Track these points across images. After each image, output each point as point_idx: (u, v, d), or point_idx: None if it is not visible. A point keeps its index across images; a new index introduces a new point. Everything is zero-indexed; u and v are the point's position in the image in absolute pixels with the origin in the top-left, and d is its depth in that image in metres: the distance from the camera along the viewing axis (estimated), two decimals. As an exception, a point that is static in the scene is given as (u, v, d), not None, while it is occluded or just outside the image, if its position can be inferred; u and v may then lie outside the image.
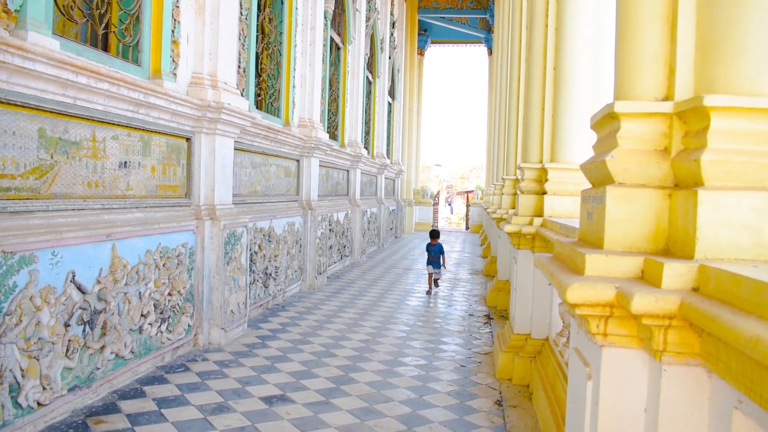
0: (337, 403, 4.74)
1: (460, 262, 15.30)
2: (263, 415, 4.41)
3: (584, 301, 1.81)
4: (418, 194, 28.29)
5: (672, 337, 1.71)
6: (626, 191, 1.98)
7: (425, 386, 5.21)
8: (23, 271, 3.74)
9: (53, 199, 4.14)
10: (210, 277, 6.10)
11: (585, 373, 2.08)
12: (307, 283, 9.97)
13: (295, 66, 9.56)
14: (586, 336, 2.02)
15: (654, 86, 2.07)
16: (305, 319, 7.67)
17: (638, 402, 1.90)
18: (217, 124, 6.11)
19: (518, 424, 4.44)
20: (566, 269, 2.09)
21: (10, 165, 3.76)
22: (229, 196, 6.55)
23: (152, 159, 5.35)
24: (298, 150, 9.59)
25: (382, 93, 18.52)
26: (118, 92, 4.59)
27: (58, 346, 4.07)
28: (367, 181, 16.33)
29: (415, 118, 27.95)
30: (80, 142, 4.39)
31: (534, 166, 5.63)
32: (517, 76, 9.51)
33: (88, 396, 4.44)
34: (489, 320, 8.08)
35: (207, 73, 6.10)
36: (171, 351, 5.59)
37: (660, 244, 1.98)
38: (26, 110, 3.86)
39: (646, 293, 1.65)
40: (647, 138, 2.02)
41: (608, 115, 2.11)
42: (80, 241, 4.27)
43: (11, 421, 3.70)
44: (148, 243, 5.13)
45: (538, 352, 5.32)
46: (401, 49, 23.58)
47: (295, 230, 9.33)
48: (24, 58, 3.63)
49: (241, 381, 5.13)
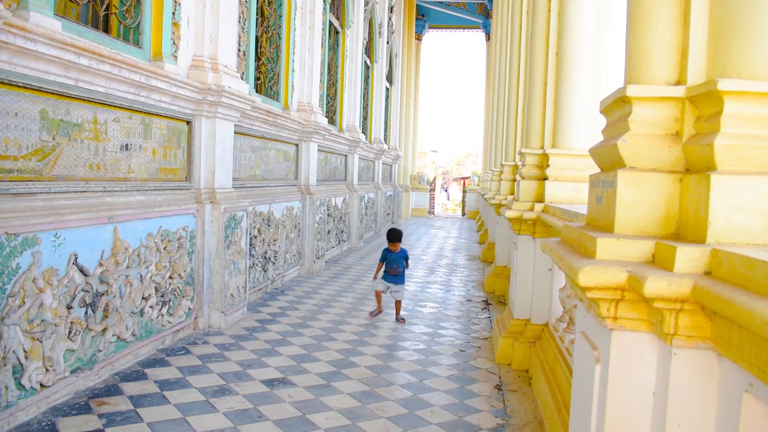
0: (338, 386, 4.76)
1: (457, 248, 15.33)
2: (265, 398, 4.43)
3: (596, 285, 1.82)
4: (415, 180, 28.27)
5: (683, 321, 1.72)
6: (637, 175, 1.99)
7: (425, 370, 5.24)
8: (26, 252, 3.74)
9: (55, 181, 4.12)
10: (210, 261, 6.11)
11: (593, 357, 2.09)
12: (306, 268, 9.98)
13: (294, 50, 9.51)
14: (595, 319, 2.03)
15: (666, 70, 2.06)
16: (304, 303, 7.68)
17: (647, 385, 1.92)
18: (217, 108, 6.09)
19: (518, 408, 4.47)
20: (575, 253, 2.09)
21: (13, 146, 3.74)
22: (229, 180, 6.53)
23: (153, 142, 5.33)
24: (297, 134, 9.56)
25: (379, 78, 18.45)
26: (120, 74, 4.56)
27: (61, 328, 4.08)
28: (364, 166, 16.30)
29: (413, 103, 27.87)
30: (82, 124, 4.37)
31: (535, 151, 5.63)
32: (517, 62, 9.48)
33: (91, 378, 4.45)
34: (487, 306, 8.11)
35: (207, 56, 6.06)
36: (171, 334, 5.60)
37: (670, 228, 1.99)
38: (28, 91, 3.84)
39: (659, 277, 1.66)
40: (659, 122, 2.02)
41: (619, 99, 2.11)
42: (82, 223, 4.26)
43: (14, 402, 3.71)
44: (149, 226, 5.12)
45: (538, 338, 5.35)
46: (399, 34, 23.47)
47: (293, 215, 9.33)
48: (26, 39, 3.61)
49: (241, 364, 5.15)
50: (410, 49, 26.73)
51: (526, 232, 5.51)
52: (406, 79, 26.36)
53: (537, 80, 5.82)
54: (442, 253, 13.89)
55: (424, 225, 22.58)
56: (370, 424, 4.06)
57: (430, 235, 18.37)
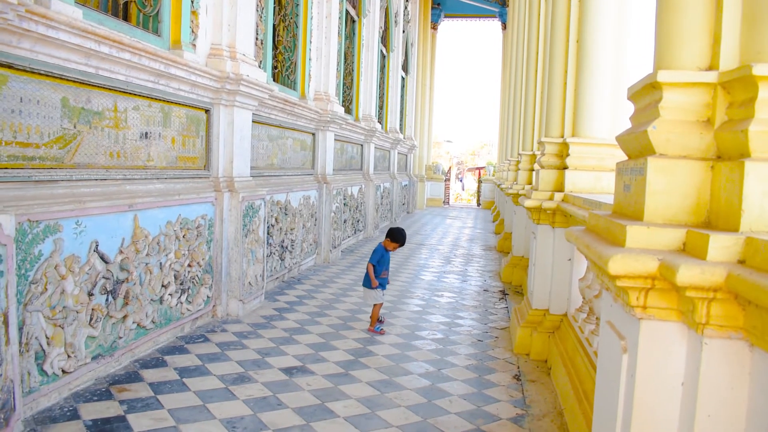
0: (356, 375, 4.76)
1: (473, 238, 15.29)
2: (284, 386, 4.44)
3: (626, 273, 1.79)
4: (430, 170, 28.20)
5: (715, 310, 1.69)
6: (668, 162, 1.95)
7: (443, 360, 5.23)
8: (48, 239, 3.76)
9: (76, 169, 4.14)
10: (228, 249, 6.12)
11: (620, 347, 2.07)
12: (322, 257, 10.00)
13: (311, 39, 9.49)
14: (623, 308, 2.00)
15: (697, 55, 2.02)
16: (321, 293, 7.70)
17: (676, 376, 1.89)
18: (235, 96, 6.08)
19: (537, 399, 4.46)
20: (603, 241, 2.06)
21: (35, 134, 3.75)
22: (247, 169, 6.54)
23: (172, 130, 5.34)
24: (313, 123, 9.55)
25: (395, 67, 18.38)
26: (140, 62, 4.57)
27: (82, 314, 4.11)
28: (380, 155, 16.28)
29: (428, 93, 27.75)
30: (102, 112, 4.38)
31: (555, 140, 5.58)
32: (535, 51, 9.40)
33: (111, 365, 4.49)
34: (504, 296, 8.08)
35: (226, 45, 6.05)
36: (190, 322, 5.63)
37: (701, 216, 1.96)
38: (50, 79, 3.85)
39: (692, 265, 1.63)
40: (690, 108, 1.99)
41: (649, 84, 2.07)
42: (103, 211, 4.28)
43: (37, 388, 3.75)
44: (168, 214, 5.14)
45: (557, 328, 5.32)
46: (414, 23, 23.34)
47: (310, 204, 9.33)
48: (48, 27, 3.61)
49: (260, 352, 5.17)
50: (426, 39, 26.59)
51: (546, 221, 5.46)
52: (422, 68, 26.24)
53: (557, 68, 5.76)
54: (458, 243, 13.86)
55: (440, 215, 22.53)
56: (388, 412, 4.07)
57: (445, 225, 18.33)
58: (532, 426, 3.98)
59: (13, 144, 3.60)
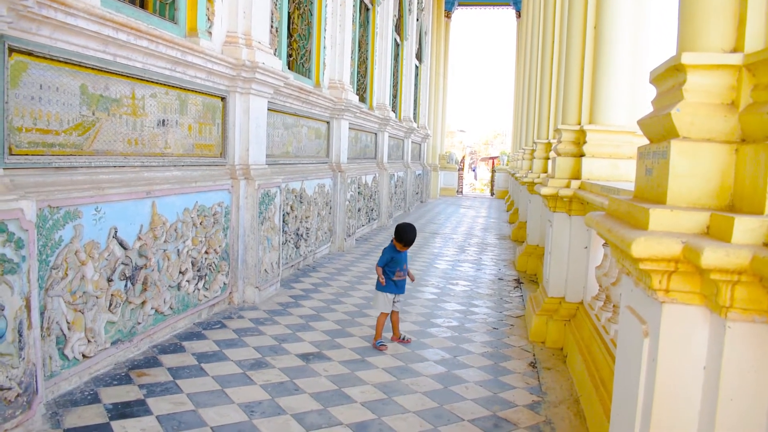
0: (373, 361, 4.79)
1: (487, 227, 15.26)
2: (301, 371, 4.47)
3: (649, 256, 1.78)
4: (444, 159, 28.13)
5: (740, 293, 1.68)
6: (692, 145, 1.94)
7: (459, 347, 5.24)
8: (68, 225, 3.80)
9: (95, 156, 4.17)
10: (245, 236, 6.16)
11: (641, 331, 2.06)
12: (337, 245, 10.02)
13: (325, 26, 9.47)
14: (645, 292, 2.00)
15: (722, 37, 2.00)
16: (336, 280, 7.72)
17: (698, 360, 1.89)
18: (251, 84, 6.09)
19: (553, 386, 4.45)
20: (625, 225, 2.05)
21: (54, 121, 3.78)
22: (262, 156, 6.55)
23: (189, 118, 5.36)
24: (328, 111, 9.55)
25: (409, 56, 18.31)
26: (157, 50, 4.58)
27: (102, 300, 4.15)
28: (394, 144, 16.25)
29: (442, 82, 27.62)
30: (120, 99, 4.40)
31: (572, 128, 5.54)
32: (551, 38, 9.33)
33: (130, 350, 4.54)
34: (519, 284, 8.07)
35: (241, 32, 6.05)
36: (207, 308, 5.68)
37: (725, 200, 1.94)
38: (68, 66, 3.87)
39: (717, 247, 1.62)
40: (714, 91, 1.97)
41: (673, 67, 2.05)
42: (122, 197, 4.31)
43: (58, 372, 3.80)
44: (185, 201, 5.17)
45: (573, 316, 5.31)
46: (428, 11, 23.22)
47: (325, 192, 9.35)
48: (66, 14, 3.63)
49: (277, 338, 5.20)
50: (439, 27, 26.45)
51: (562, 209, 5.44)
52: (435, 57, 26.12)
53: (574, 55, 5.71)
54: (472, 232, 13.84)
55: (453, 204, 22.49)
56: (405, 398, 4.08)
57: (459, 215, 18.31)
58: (548, 413, 3.98)
59: (34, 131, 3.63)
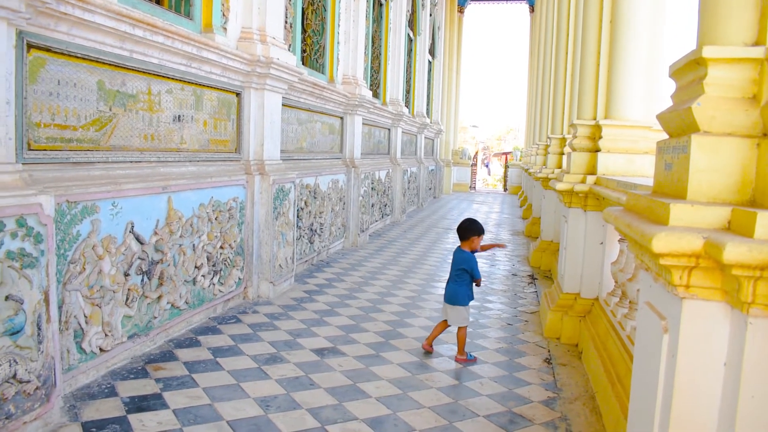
0: (387, 356, 4.79)
1: (500, 222, 15.21)
2: (316, 366, 4.49)
3: (670, 251, 1.77)
4: (457, 155, 28.07)
5: (762, 289, 1.67)
6: (712, 140, 1.92)
7: (473, 343, 5.23)
8: (86, 220, 3.83)
9: (112, 151, 4.20)
10: (259, 232, 6.18)
11: (660, 327, 2.05)
12: (350, 241, 10.04)
13: (339, 22, 9.47)
14: (665, 288, 1.98)
15: (743, 31, 1.98)
16: (350, 276, 7.74)
17: (718, 356, 1.87)
18: (266, 80, 6.10)
19: (569, 382, 4.44)
20: (644, 221, 2.04)
21: (72, 116, 3.81)
22: (277, 152, 6.57)
23: (204, 113, 5.38)
24: (341, 107, 9.55)
25: (422, 51, 18.26)
26: (173, 46, 4.60)
27: (119, 294, 4.18)
28: (407, 140, 16.23)
29: (454, 77, 27.56)
30: (137, 95, 4.43)
31: (587, 122, 5.51)
32: (565, 33, 9.27)
33: (146, 344, 4.57)
34: (533, 280, 8.04)
35: (256, 28, 6.06)
36: (222, 303, 5.71)
37: (746, 195, 1.92)
38: (86, 62, 3.90)
39: (739, 243, 1.61)
40: (735, 85, 1.95)
41: (693, 60, 2.03)
42: (138, 192, 4.34)
43: (76, 366, 3.83)
44: (201, 196, 5.19)
45: (588, 312, 5.28)
46: (441, 6, 23.15)
47: (339, 187, 9.36)
48: (84, 10, 3.65)
49: (291, 333, 5.22)
50: (452, 22, 26.38)
51: (577, 204, 5.41)
52: (448, 52, 26.04)
53: (589, 50, 5.67)
54: (486, 228, 13.75)
55: (466, 200, 22.44)
56: (420, 393, 4.08)
57: (472, 210, 18.26)
58: (564, 409, 3.97)
59: (52, 126, 3.66)
